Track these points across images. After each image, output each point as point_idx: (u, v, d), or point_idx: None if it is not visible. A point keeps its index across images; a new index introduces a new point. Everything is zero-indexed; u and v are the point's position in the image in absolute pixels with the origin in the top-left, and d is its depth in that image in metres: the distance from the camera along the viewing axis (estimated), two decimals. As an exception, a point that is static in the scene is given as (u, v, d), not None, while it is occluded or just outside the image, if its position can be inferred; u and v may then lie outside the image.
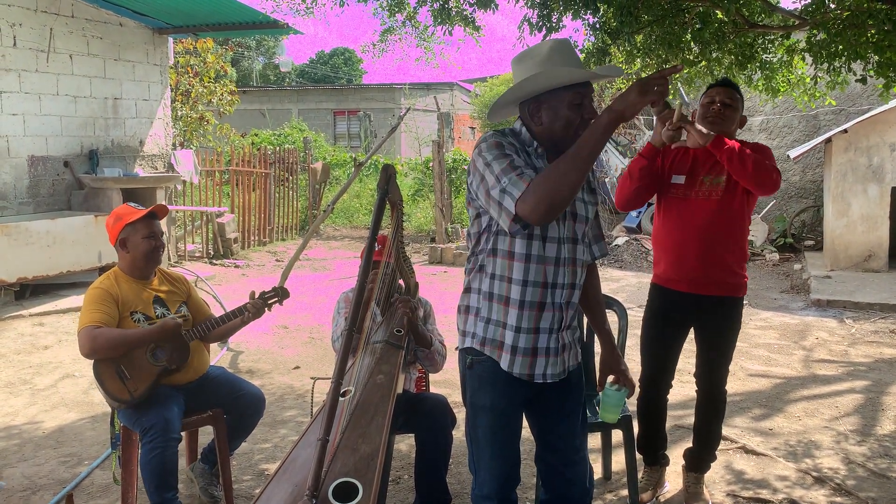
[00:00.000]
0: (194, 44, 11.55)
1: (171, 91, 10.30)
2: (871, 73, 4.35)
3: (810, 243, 10.78)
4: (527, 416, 2.27)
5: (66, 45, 7.99)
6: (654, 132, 3.02)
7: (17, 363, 5.38)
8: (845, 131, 8.91)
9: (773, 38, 4.98)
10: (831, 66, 4.42)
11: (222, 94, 11.93)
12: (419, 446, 3.02)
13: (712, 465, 3.36)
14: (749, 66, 5.00)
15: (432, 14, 5.04)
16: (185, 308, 3.17)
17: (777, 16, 4.75)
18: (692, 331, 3.20)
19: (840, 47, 4.25)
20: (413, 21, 5.86)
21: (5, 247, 6.51)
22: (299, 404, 4.58)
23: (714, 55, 4.96)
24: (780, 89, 5.31)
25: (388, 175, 2.39)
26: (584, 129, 2.09)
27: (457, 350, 2.27)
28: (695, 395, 3.26)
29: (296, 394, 4.79)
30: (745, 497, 3.35)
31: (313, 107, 24.60)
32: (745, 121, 3.12)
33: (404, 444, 3.87)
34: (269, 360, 5.58)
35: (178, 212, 9.54)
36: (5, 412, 4.42)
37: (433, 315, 3.30)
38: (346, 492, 1.82)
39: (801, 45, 4.83)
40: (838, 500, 3.33)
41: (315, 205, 12.94)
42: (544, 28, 4.43)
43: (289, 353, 5.75)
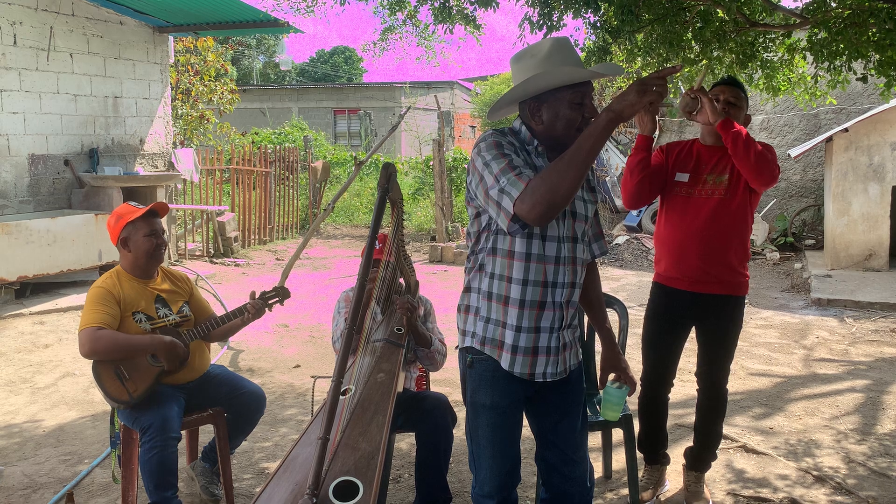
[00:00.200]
0: (195, 42, 11.57)
1: (172, 90, 10.30)
2: (872, 71, 4.34)
3: (811, 242, 10.77)
4: (527, 414, 2.27)
5: (66, 44, 7.99)
6: (638, 123, 3.00)
7: (18, 362, 5.38)
8: (846, 130, 8.90)
9: (774, 36, 4.97)
10: (832, 65, 4.42)
11: (223, 93, 11.93)
12: (420, 445, 3.02)
13: (713, 463, 3.36)
14: (750, 64, 4.99)
15: (433, 13, 5.04)
16: (187, 307, 3.17)
17: (778, 14, 4.74)
18: (693, 329, 3.20)
19: (841, 46, 4.24)
20: (414, 20, 5.86)
21: (6, 245, 6.52)
22: (300, 403, 4.58)
23: (715, 54, 4.95)
24: (781, 88, 5.30)
25: (388, 173, 2.38)
26: (585, 128, 2.09)
27: (457, 349, 2.27)
28: (695, 393, 3.26)
29: (296, 392, 4.79)
30: (745, 496, 3.35)
31: (314, 105, 24.60)
32: (749, 119, 3.10)
33: (405, 443, 3.87)
34: (270, 358, 5.58)
35: (178, 210, 9.54)
36: (6, 410, 4.42)
37: (433, 314, 3.30)
38: (347, 490, 1.82)
39: (802, 43, 4.83)
40: (839, 498, 3.32)
41: (315, 203, 12.94)
42: (545, 27, 4.43)
43: (289, 352, 5.75)
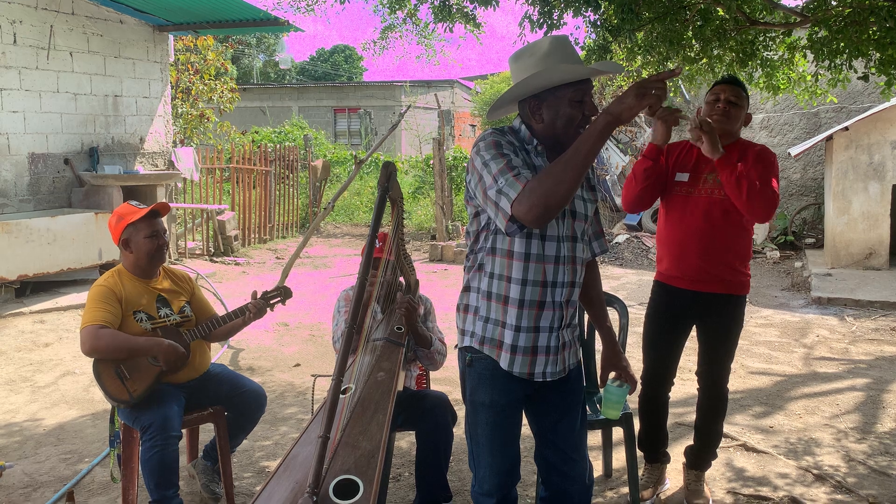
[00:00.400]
0: (195, 41, 11.57)
1: (172, 88, 10.30)
2: (873, 70, 4.34)
3: (811, 241, 10.77)
4: (526, 413, 2.27)
5: (66, 43, 7.98)
6: (653, 131, 3.01)
7: (18, 360, 5.39)
8: (846, 129, 8.89)
9: (774, 35, 4.97)
10: (832, 64, 4.41)
11: (223, 92, 11.93)
12: (420, 443, 3.02)
13: (713, 462, 3.36)
14: (750, 63, 4.99)
15: (433, 11, 5.04)
16: (188, 307, 3.17)
17: (778, 13, 4.74)
18: (694, 328, 3.20)
19: (841, 44, 4.24)
20: (414, 18, 5.86)
21: (6, 244, 6.52)
22: (300, 402, 4.58)
23: (715, 52, 4.95)
24: (781, 87, 5.30)
25: (388, 172, 2.38)
26: (586, 126, 2.09)
27: (456, 348, 2.27)
28: (696, 392, 3.25)
29: (296, 391, 4.80)
30: (745, 494, 3.35)
31: (314, 104, 24.59)
32: (750, 118, 3.11)
33: (405, 442, 3.87)
34: (270, 357, 5.59)
35: (178, 209, 9.54)
36: (6, 409, 4.42)
37: (433, 312, 3.30)
38: (347, 489, 1.82)
39: (803, 42, 4.82)
40: (839, 497, 3.33)
41: (315, 202, 12.94)
42: (545, 25, 4.43)
43: (289, 351, 5.75)
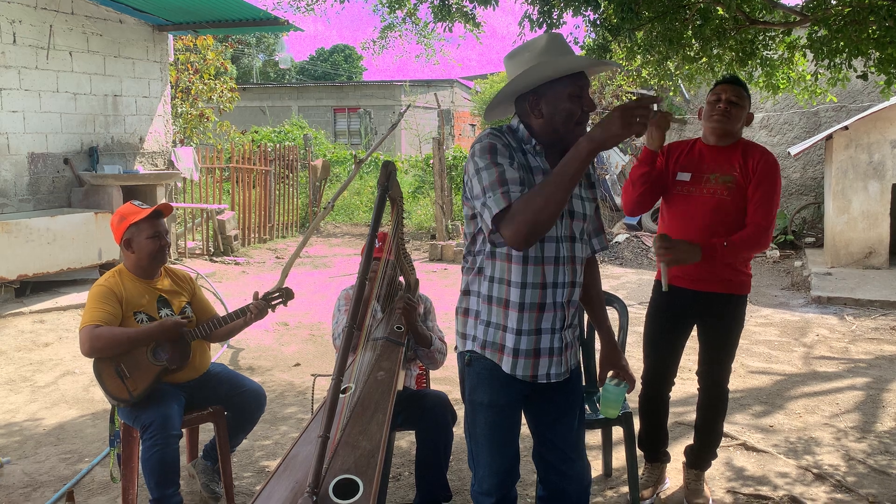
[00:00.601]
0: (194, 41, 11.56)
1: (171, 88, 10.29)
2: (873, 69, 4.34)
3: (811, 240, 10.77)
4: (525, 412, 2.26)
5: (65, 42, 7.98)
6: (647, 136, 3.01)
7: (18, 360, 5.38)
8: (846, 128, 8.89)
9: (773, 34, 4.97)
10: (832, 63, 4.41)
11: (222, 91, 11.92)
12: (420, 443, 3.02)
13: (713, 461, 3.36)
14: (750, 62, 4.99)
15: (432, 11, 5.04)
16: (189, 308, 3.16)
17: (778, 12, 4.74)
18: (695, 328, 3.19)
19: (841, 44, 4.24)
20: (413, 18, 5.86)
21: (6, 244, 6.52)
22: (300, 401, 4.58)
23: (715, 52, 4.95)
24: (781, 86, 5.30)
25: (388, 172, 2.38)
26: (585, 121, 2.08)
27: (456, 351, 2.26)
28: (696, 391, 3.25)
29: (296, 391, 4.80)
30: (745, 494, 3.35)
31: (313, 104, 24.58)
32: (751, 118, 3.10)
33: (405, 441, 3.87)
34: (270, 357, 5.59)
35: (178, 209, 9.53)
36: (6, 409, 4.42)
37: (433, 311, 3.30)
38: (347, 488, 1.82)
39: (802, 41, 4.82)
40: (838, 496, 3.33)
41: (315, 202, 12.94)
42: (545, 24, 4.43)
43: (289, 350, 5.75)
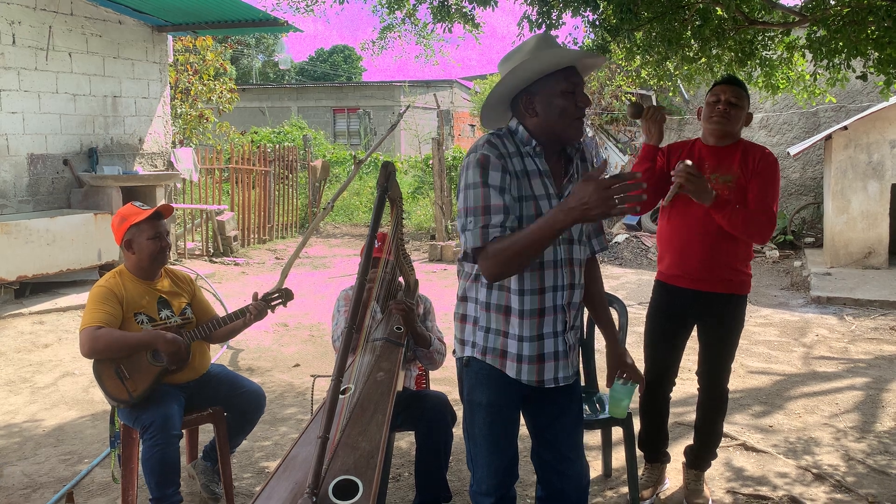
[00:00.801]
0: (193, 41, 11.56)
1: (171, 89, 10.29)
2: (872, 69, 4.34)
3: (810, 240, 10.78)
4: (523, 412, 2.26)
5: (65, 43, 7.98)
6: (646, 133, 3.01)
7: (18, 361, 5.38)
8: (845, 128, 8.90)
9: (772, 34, 4.97)
10: (831, 63, 4.41)
11: (222, 92, 11.93)
12: (419, 444, 3.02)
13: (713, 462, 3.36)
14: (749, 62, 4.99)
15: (432, 11, 5.03)
16: (189, 309, 3.16)
17: (777, 12, 4.74)
18: (695, 328, 3.19)
19: (840, 44, 4.24)
20: (412, 18, 5.85)
21: (5, 245, 6.51)
22: (299, 402, 4.58)
23: (714, 52, 4.95)
24: (780, 86, 5.30)
25: (387, 172, 2.38)
26: (580, 117, 2.08)
27: (454, 356, 2.25)
28: (696, 392, 3.26)
29: (296, 391, 4.79)
30: (745, 494, 3.35)
31: (313, 104, 24.59)
32: (751, 118, 3.10)
33: (404, 442, 3.87)
34: (270, 357, 5.58)
35: (177, 210, 9.53)
36: (5, 410, 4.42)
37: (433, 312, 3.30)
38: (347, 489, 1.82)
39: (801, 41, 4.82)
40: (838, 496, 3.33)
41: (315, 202, 12.94)
42: (544, 25, 4.42)
43: (289, 351, 5.75)
